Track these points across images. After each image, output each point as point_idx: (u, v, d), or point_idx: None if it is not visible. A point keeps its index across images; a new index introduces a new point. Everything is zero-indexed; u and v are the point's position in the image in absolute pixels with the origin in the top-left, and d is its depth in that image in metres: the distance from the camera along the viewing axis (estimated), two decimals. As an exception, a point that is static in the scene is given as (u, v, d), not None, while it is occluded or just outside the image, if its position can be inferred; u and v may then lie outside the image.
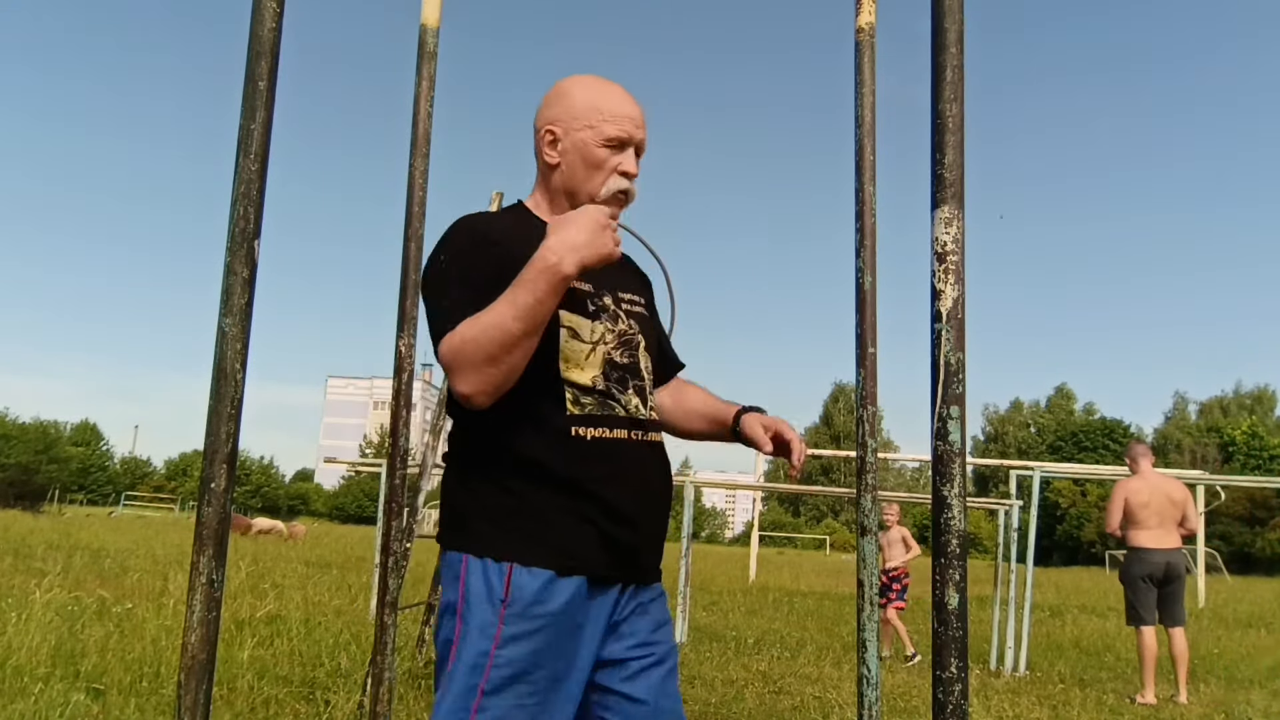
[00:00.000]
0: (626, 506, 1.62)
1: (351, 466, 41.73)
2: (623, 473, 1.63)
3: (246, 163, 1.64)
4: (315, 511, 69.90)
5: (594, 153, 1.73)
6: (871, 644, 2.36)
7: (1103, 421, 72.65)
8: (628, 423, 1.66)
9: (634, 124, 1.75)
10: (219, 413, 1.60)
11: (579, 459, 1.59)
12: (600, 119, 1.74)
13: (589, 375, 1.64)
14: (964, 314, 1.27)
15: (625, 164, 1.75)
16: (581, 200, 1.76)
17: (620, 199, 1.77)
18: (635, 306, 1.79)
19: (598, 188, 1.74)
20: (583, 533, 1.58)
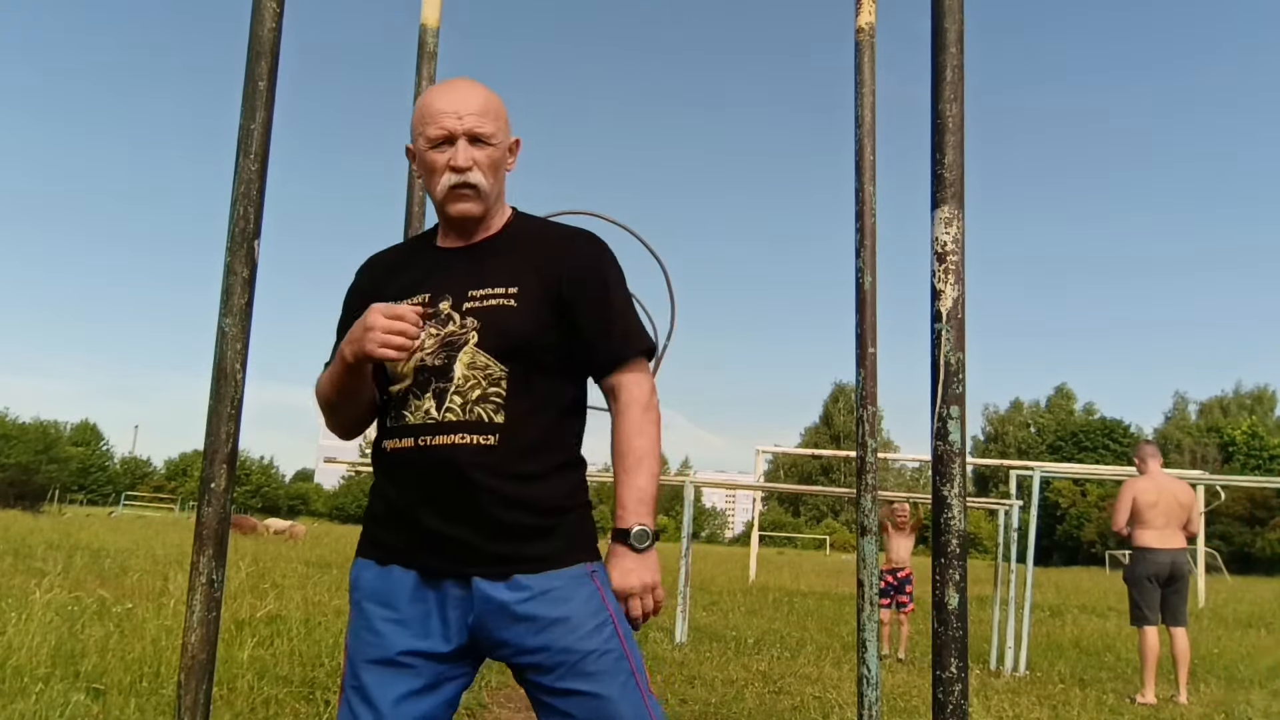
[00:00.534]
0: (415, 509, 1.67)
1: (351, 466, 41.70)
2: (408, 479, 1.69)
3: (246, 163, 1.64)
4: (315, 511, 69.93)
5: (426, 158, 1.76)
6: (871, 644, 2.36)
7: (1103, 421, 72.67)
8: (414, 430, 1.68)
9: (453, 116, 1.72)
10: (219, 413, 1.60)
11: (384, 468, 1.72)
12: (422, 125, 1.75)
13: (401, 385, 1.72)
14: (964, 314, 1.27)
15: (454, 159, 1.73)
16: (437, 207, 1.80)
17: (458, 193, 1.75)
18: (491, 300, 1.73)
19: (436, 189, 1.76)
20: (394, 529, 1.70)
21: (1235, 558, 47.26)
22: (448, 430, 1.68)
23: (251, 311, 1.63)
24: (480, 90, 1.77)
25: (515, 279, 1.76)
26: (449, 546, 1.66)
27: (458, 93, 1.75)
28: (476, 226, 1.81)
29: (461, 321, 1.72)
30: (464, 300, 1.73)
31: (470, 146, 1.73)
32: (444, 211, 1.78)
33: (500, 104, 1.80)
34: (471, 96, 1.75)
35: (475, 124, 1.73)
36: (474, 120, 1.73)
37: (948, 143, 1.30)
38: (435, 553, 1.66)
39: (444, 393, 1.69)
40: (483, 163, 1.74)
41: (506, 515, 1.67)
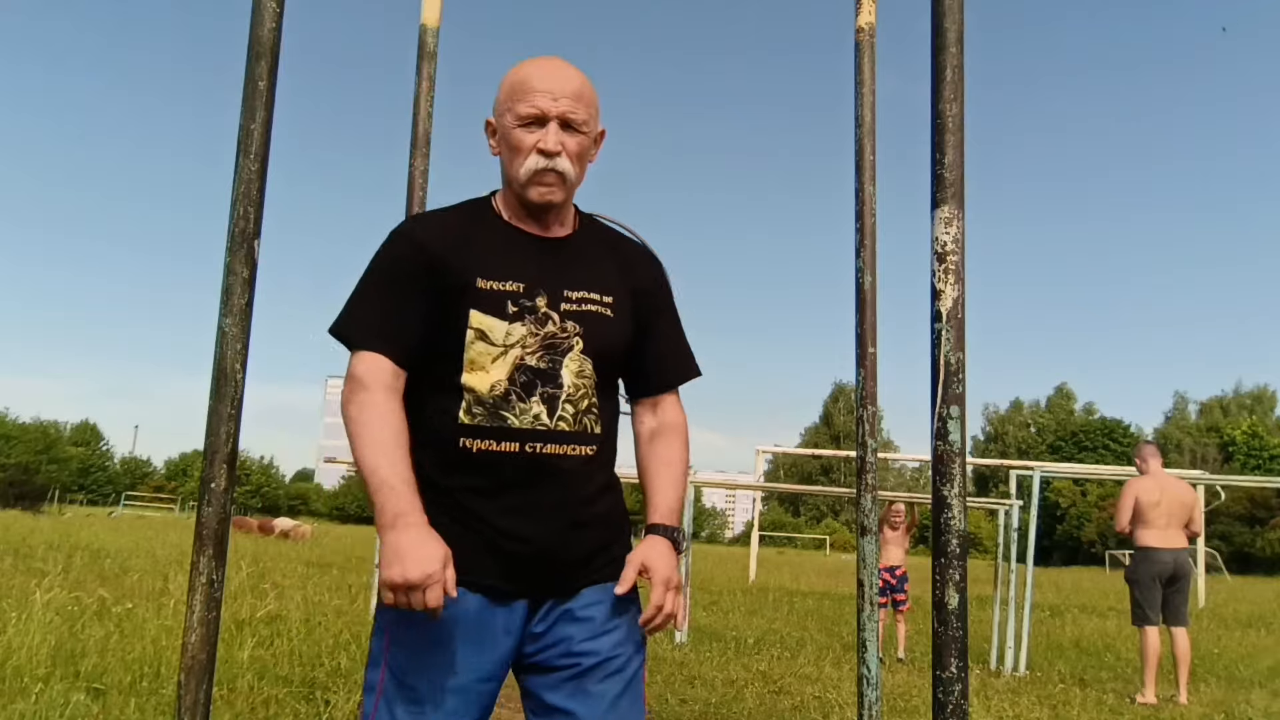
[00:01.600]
0: (512, 522, 1.57)
1: (351, 466, 41.72)
2: (509, 487, 1.58)
3: (246, 163, 1.64)
4: (315, 511, 69.94)
5: (511, 135, 1.66)
6: (871, 644, 2.36)
7: (1103, 421, 72.65)
8: (521, 435, 1.58)
9: (549, 97, 1.63)
10: (219, 413, 1.60)
11: (463, 471, 1.58)
12: (513, 101, 1.66)
13: (490, 381, 1.59)
14: (964, 314, 1.27)
15: (543, 141, 1.63)
16: (515, 188, 1.68)
17: (541, 178, 1.65)
18: (589, 305, 1.68)
19: (519, 170, 1.65)
20: (467, 545, 1.55)
21: (1235, 558, 47.25)
22: (560, 440, 1.61)
23: (251, 311, 1.63)
24: (577, 74, 1.68)
25: (609, 287, 1.72)
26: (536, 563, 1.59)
27: (555, 73, 1.66)
28: (552, 217, 1.72)
29: (561, 324, 1.65)
30: (560, 300, 1.66)
31: (561, 131, 1.64)
32: (523, 195, 1.67)
33: (594, 91, 1.72)
34: (569, 79, 1.66)
35: (570, 108, 1.64)
36: (569, 104, 1.64)
37: (948, 143, 1.30)
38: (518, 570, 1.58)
39: (554, 399, 1.62)
40: (572, 150, 1.66)
41: (595, 529, 1.66)
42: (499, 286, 1.62)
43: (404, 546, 1.43)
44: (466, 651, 1.55)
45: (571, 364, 1.63)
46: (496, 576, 1.57)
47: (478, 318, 1.60)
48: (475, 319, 1.60)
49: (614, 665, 1.60)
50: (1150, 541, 6.72)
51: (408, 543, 1.44)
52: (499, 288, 1.62)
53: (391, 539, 1.44)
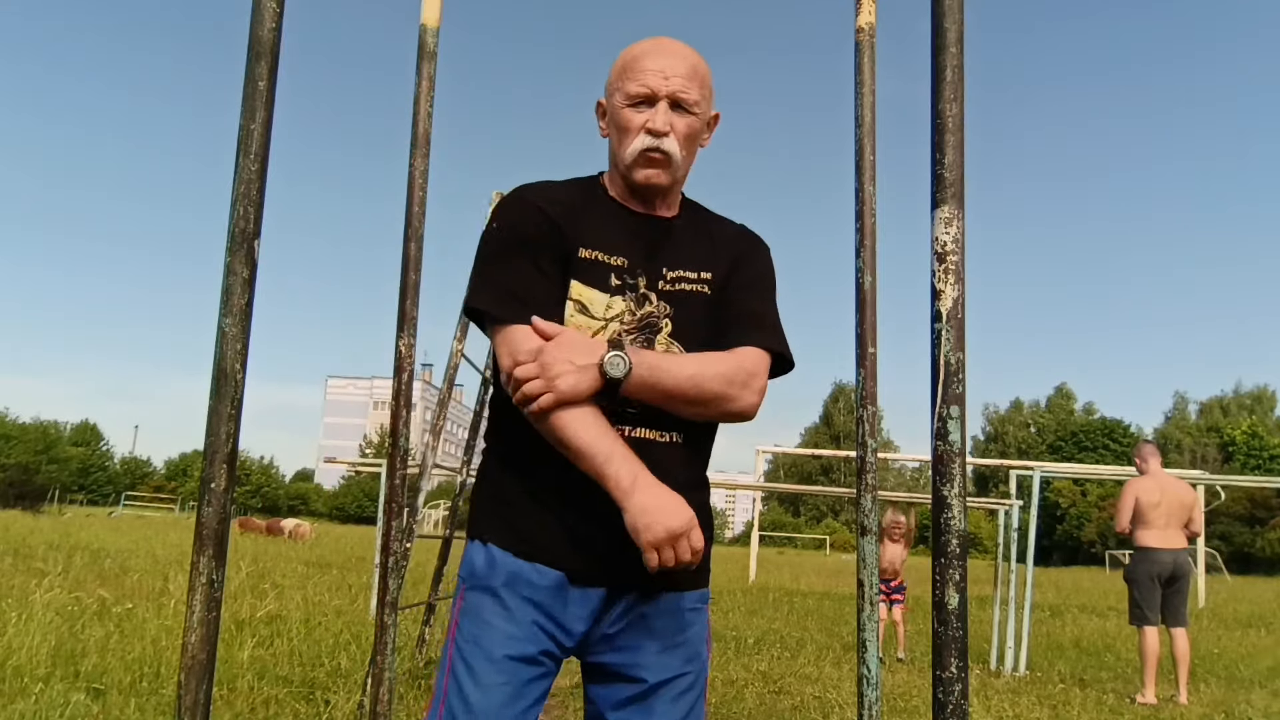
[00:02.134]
0: (597, 508, 1.50)
1: (351, 466, 41.78)
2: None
3: (246, 163, 1.64)
4: (315, 511, 69.89)
5: (620, 115, 1.62)
6: (871, 644, 2.36)
7: (1103, 421, 72.63)
8: (611, 416, 1.52)
9: (659, 75, 1.58)
10: (219, 413, 1.60)
11: (547, 454, 1.53)
12: (623, 80, 1.61)
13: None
14: (964, 314, 1.27)
15: (651, 121, 1.59)
16: (621, 169, 1.64)
17: (649, 158, 1.60)
18: (683, 284, 1.63)
19: (626, 151, 1.61)
20: (546, 525, 1.55)
21: (1235, 558, 47.24)
22: (650, 423, 1.56)
23: (251, 311, 1.63)
24: (691, 53, 1.63)
25: (708, 263, 1.67)
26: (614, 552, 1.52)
27: (668, 52, 1.61)
28: (659, 199, 1.67)
29: (657, 304, 1.60)
30: (657, 278, 1.62)
31: (671, 111, 1.60)
32: (629, 176, 1.63)
33: (709, 72, 1.66)
34: (682, 58, 1.61)
35: (681, 87, 1.59)
36: (680, 83, 1.59)
37: (948, 143, 1.30)
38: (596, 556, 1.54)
39: None
40: (681, 131, 1.61)
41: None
42: (603, 258, 1.59)
43: (655, 503, 1.43)
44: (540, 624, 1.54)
45: (660, 346, 1.59)
46: (577, 560, 1.54)
47: (578, 289, 1.56)
48: (576, 290, 1.56)
49: (683, 684, 1.58)
50: (1150, 542, 6.72)
51: (655, 500, 1.43)
52: (603, 259, 1.59)
53: (639, 500, 1.43)
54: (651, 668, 1.56)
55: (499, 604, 1.55)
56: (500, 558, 1.57)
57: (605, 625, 1.57)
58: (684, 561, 1.44)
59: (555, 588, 1.55)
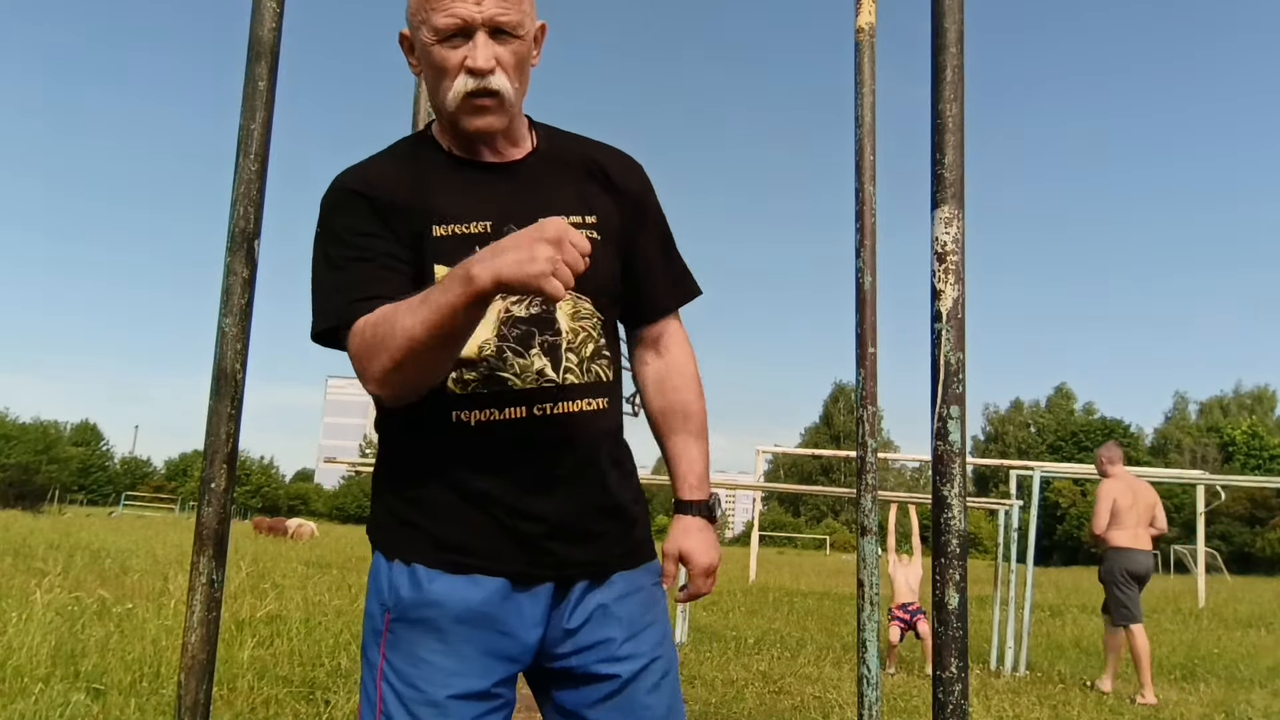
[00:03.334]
0: (528, 499, 1.36)
1: (351, 466, 41.74)
2: (518, 459, 1.37)
3: (246, 163, 1.64)
4: (315, 511, 69.87)
5: (432, 54, 1.36)
6: (871, 644, 2.36)
7: (1103, 421, 72.60)
8: (526, 396, 1.36)
9: (470, 3, 1.32)
10: (219, 413, 1.60)
11: (463, 447, 1.36)
12: (426, 10, 1.35)
13: (475, 343, 1.34)
14: (964, 314, 1.27)
15: (471, 58, 1.34)
16: (447, 119, 1.41)
17: (477, 105, 1.36)
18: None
19: (445, 97, 1.37)
20: (476, 526, 1.36)
21: (1235, 558, 47.25)
22: (571, 396, 1.38)
23: (251, 311, 1.63)
24: None
25: (590, 204, 1.46)
26: (559, 541, 1.38)
27: None
28: (502, 140, 1.45)
29: None
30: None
31: (491, 41, 1.35)
32: (456, 124, 1.40)
33: None
34: None
35: (497, 11, 1.34)
36: (495, 6, 1.34)
37: (948, 143, 1.30)
38: (540, 550, 1.37)
39: (556, 349, 1.38)
40: (508, 63, 1.36)
41: (619, 496, 1.45)
42: (460, 230, 1.38)
43: (505, 240, 1.17)
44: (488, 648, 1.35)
45: (565, 305, 1.40)
46: (517, 560, 1.36)
47: (444, 271, 1.30)
48: (441, 274, 1.31)
49: (658, 670, 1.43)
50: (1125, 543, 6.90)
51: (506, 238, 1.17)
52: (461, 231, 1.38)
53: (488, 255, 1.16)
54: (623, 660, 1.40)
55: (435, 635, 1.33)
56: (427, 578, 1.35)
57: (562, 622, 1.40)
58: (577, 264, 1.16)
59: (499, 598, 1.35)
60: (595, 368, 1.43)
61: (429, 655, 1.34)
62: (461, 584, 1.35)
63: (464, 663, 1.33)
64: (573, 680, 1.41)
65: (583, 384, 1.40)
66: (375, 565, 1.43)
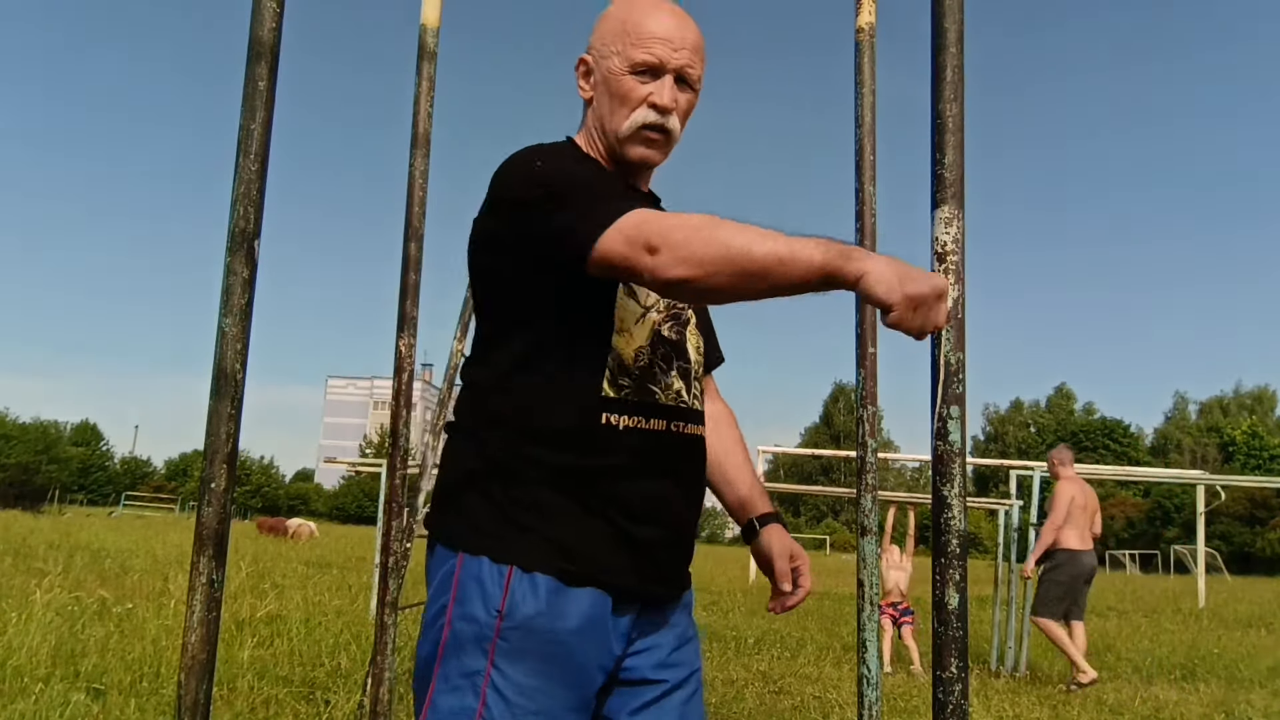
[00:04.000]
0: (653, 509, 1.38)
1: (351, 466, 41.76)
2: (653, 469, 1.39)
3: (246, 163, 1.64)
4: (315, 511, 69.90)
5: (619, 83, 1.45)
6: (871, 644, 2.36)
7: (1103, 421, 72.64)
8: (667, 412, 1.41)
9: (669, 46, 1.44)
10: (219, 413, 1.60)
11: (605, 451, 1.35)
12: (628, 43, 1.45)
13: (634, 347, 1.39)
14: (964, 314, 1.27)
15: (655, 94, 1.44)
16: (610, 139, 1.49)
17: (649, 137, 1.46)
18: None
19: (622, 123, 1.46)
20: (598, 536, 1.35)
21: (1235, 558, 47.26)
22: (695, 419, 1.46)
23: (251, 311, 1.63)
24: (694, 22, 1.49)
25: None
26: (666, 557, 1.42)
27: (678, 20, 1.47)
28: (647, 176, 1.56)
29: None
30: None
31: (675, 86, 1.46)
32: (620, 149, 1.48)
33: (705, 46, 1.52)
34: (690, 27, 1.47)
35: (689, 61, 1.45)
36: (688, 57, 1.45)
37: (948, 143, 1.30)
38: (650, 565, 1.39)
39: (688, 374, 1.46)
40: (682, 109, 1.48)
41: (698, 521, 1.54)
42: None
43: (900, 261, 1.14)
44: (594, 662, 1.35)
45: (692, 338, 1.49)
46: (627, 573, 1.36)
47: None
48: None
49: (695, 682, 1.48)
50: (1074, 544, 7.14)
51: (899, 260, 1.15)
52: None
53: (877, 255, 1.15)
54: (671, 666, 1.43)
55: (554, 648, 1.31)
56: (548, 587, 1.32)
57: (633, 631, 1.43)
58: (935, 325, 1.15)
59: (608, 612, 1.36)
60: (702, 400, 1.52)
61: (545, 667, 1.31)
62: (581, 596, 1.34)
63: (576, 675, 1.33)
64: (620, 684, 1.41)
65: (700, 411, 1.49)
66: (471, 568, 1.35)
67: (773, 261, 1.15)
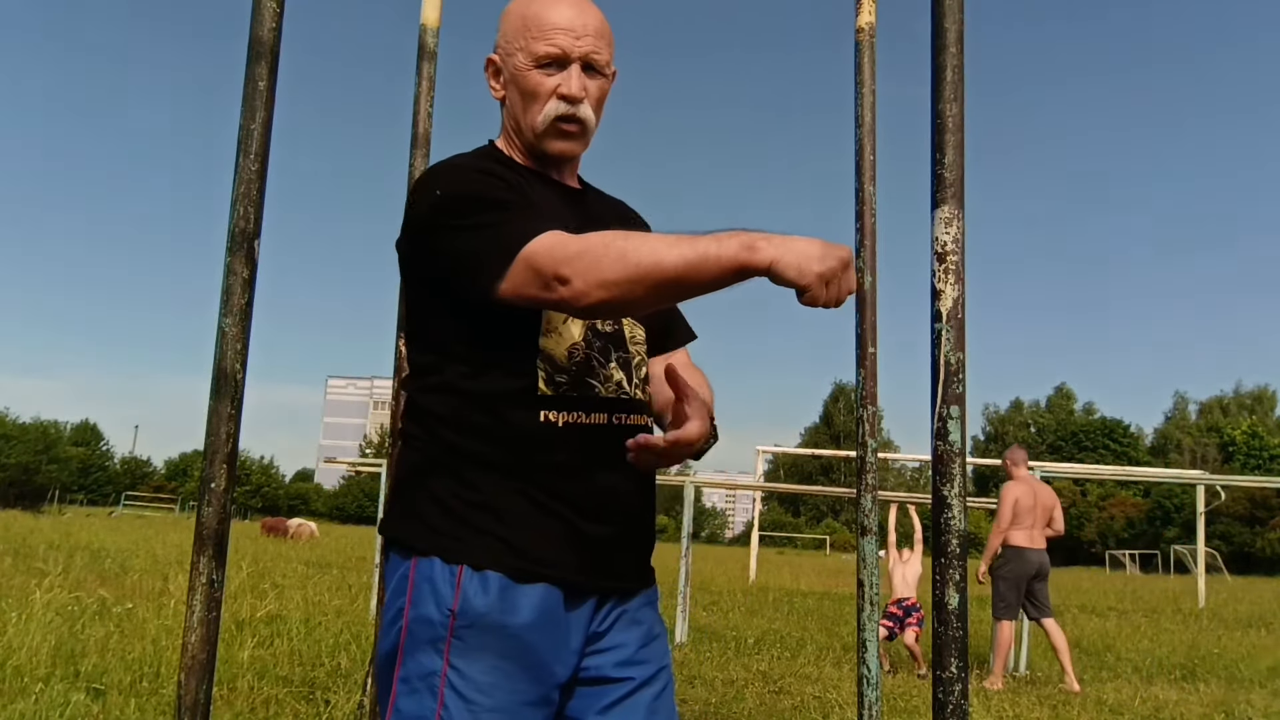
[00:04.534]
0: (600, 503, 1.38)
1: (351, 466, 41.77)
2: (597, 464, 1.38)
3: (246, 163, 1.64)
4: (315, 511, 69.90)
5: (526, 78, 1.46)
6: (871, 644, 2.36)
7: (1103, 421, 72.65)
8: (608, 404, 1.40)
9: (571, 35, 1.43)
10: (219, 413, 1.60)
11: (547, 448, 1.36)
12: (529, 37, 1.45)
13: (566, 344, 1.39)
14: (964, 314, 1.27)
15: (564, 85, 1.44)
16: (527, 136, 1.49)
17: (564, 129, 1.46)
18: None
19: (535, 118, 1.46)
20: (547, 533, 1.35)
21: (1235, 558, 47.27)
22: (639, 410, 1.44)
23: (251, 311, 1.63)
24: (596, 8, 1.49)
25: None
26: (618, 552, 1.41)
27: (577, 7, 1.46)
28: (569, 168, 1.55)
29: None
30: None
31: (583, 74, 1.45)
32: (538, 145, 1.49)
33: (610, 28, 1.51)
34: (592, 13, 1.47)
35: (594, 48, 1.45)
36: (592, 43, 1.45)
37: (948, 143, 1.30)
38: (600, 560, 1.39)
39: (628, 364, 1.45)
40: (593, 96, 1.47)
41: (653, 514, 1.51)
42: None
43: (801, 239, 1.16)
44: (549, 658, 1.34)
45: (629, 327, 1.48)
46: (578, 569, 1.36)
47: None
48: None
49: (663, 680, 1.45)
50: (1021, 542, 7.21)
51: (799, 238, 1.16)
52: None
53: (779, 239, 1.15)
54: (637, 664, 1.42)
55: (507, 644, 1.32)
56: (499, 585, 1.33)
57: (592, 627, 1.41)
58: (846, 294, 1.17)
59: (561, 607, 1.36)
60: (647, 389, 1.50)
61: (500, 663, 1.32)
62: (531, 592, 1.34)
63: (533, 670, 1.33)
64: (583, 684, 1.40)
65: (643, 401, 1.47)
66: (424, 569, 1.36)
67: (684, 268, 1.18)
